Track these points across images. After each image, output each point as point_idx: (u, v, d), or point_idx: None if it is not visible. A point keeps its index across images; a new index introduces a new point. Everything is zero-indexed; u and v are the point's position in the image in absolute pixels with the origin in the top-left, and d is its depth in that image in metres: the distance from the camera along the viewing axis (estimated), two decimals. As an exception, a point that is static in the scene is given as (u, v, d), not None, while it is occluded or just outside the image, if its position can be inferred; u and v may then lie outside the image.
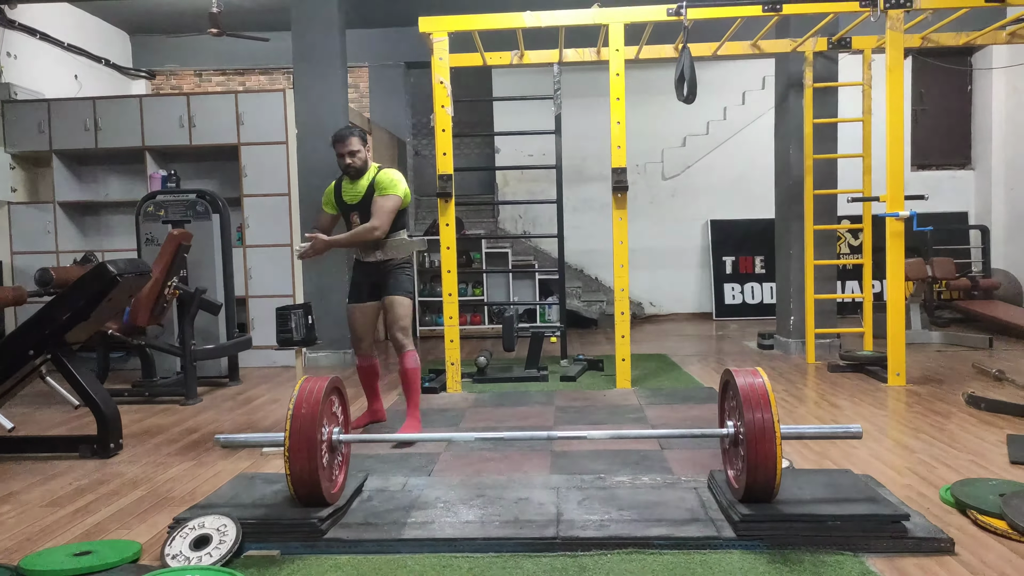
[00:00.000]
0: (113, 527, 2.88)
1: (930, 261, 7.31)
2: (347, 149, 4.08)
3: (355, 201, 4.15)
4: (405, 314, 4.15)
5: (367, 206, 4.10)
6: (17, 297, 4.85)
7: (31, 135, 6.80)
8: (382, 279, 4.18)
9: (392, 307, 4.13)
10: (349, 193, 4.17)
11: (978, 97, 9.64)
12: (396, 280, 4.17)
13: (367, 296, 4.23)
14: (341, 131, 4.15)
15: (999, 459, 3.41)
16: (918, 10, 5.15)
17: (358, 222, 4.12)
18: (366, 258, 4.18)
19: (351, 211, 4.16)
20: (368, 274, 4.21)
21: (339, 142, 4.11)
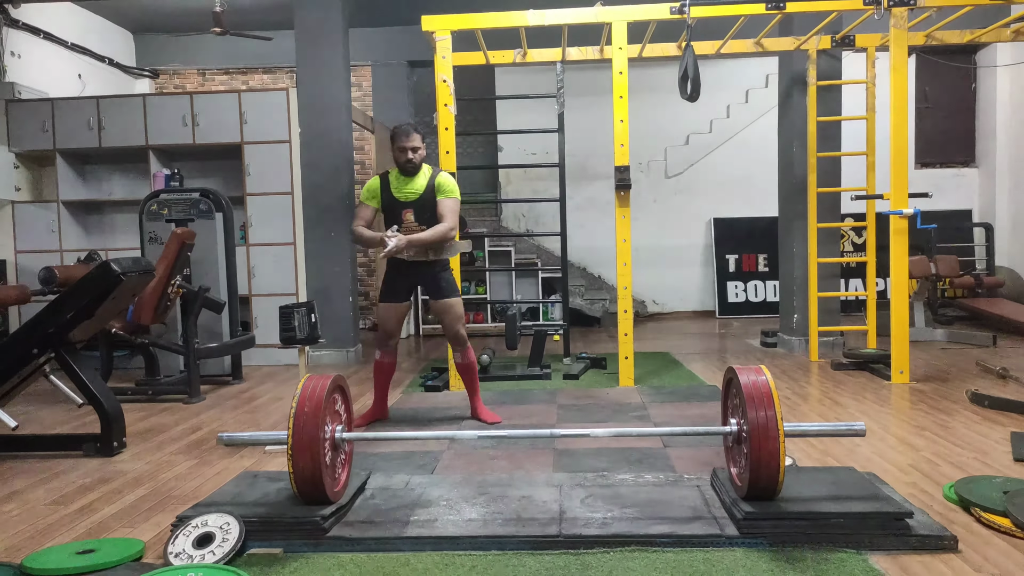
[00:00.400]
0: (116, 525, 2.88)
1: (934, 259, 7.30)
2: (411, 144, 4.08)
3: (410, 199, 4.13)
4: (462, 313, 4.29)
5: (424, 205, 4.11)
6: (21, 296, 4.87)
7: (35, 134, 6.82)
8: (427, 281, 4.22)
9: (452, 308, 4.23)
10: (403, 190, 4.14)
11: (982, 95, 9.61)
12: (447, 282, 4.24)
13: (404, 296, 4.28)
14: (404, 125, 4.14)
15: (1003, 457, 3.40)
16: (922, 8, 5.13)
17: (411, 219, 4.09)
18: (416, 257, 4.14)
19: (404, 208, 4.13)
20: (408, 274, 4.23)
21: (404, 136, 4.09)
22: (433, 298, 4.25)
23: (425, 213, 4.13)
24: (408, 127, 4.12)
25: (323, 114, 6.71)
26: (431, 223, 4.12)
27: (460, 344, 4.30)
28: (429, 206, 4.15)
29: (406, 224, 4.08)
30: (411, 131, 4.10)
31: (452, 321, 4.25)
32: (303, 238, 6.68)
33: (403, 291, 4.28)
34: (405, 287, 4.27)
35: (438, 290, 4.23)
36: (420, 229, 4.08)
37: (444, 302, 4.23)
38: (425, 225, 4.10)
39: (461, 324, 4.27)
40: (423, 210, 4.13)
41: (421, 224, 4.10)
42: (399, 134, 4.10)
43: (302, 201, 6.67)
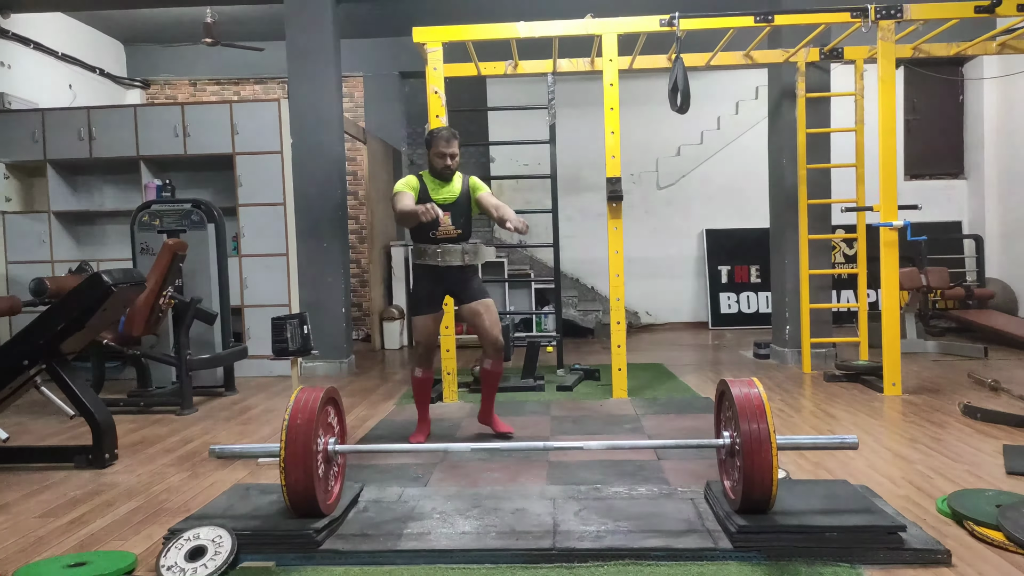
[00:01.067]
0: (108, 538, 2.86)
1: (924, 270, 7.34)
2: (451, 150, 4.05)
3: (449, 202, 4.08)
4: (498, 315, 4.20)
5: (460, 208, 4.09)
6: (12, 307, 4.85)
7: (25, 145, 6.80)
8: (461, 285, 4.13)
9: (489, 310, 4.11)
10: (441, 193, 4.09)
11: (970, 107, 9.70)
12: (480, 285, 4.18)
13: (439, 305, 4.18)
14: (445, 131, 4.08)
15: (996, 470, 3.41)
16: (909, 21, 5.18)
17: (448, 222, 4.03)
18: (452, 262, 4.06)
19: (442, 210, 4.01)
20: (441, 280, 4.11)
21: (444, 141, 4.05)
22: (468, 300, 4.12)
23: (461, 216, 4.10)
24: (449, 133, 4.07)
25: (315, 125, 6.72)
26: (466, 228, 4.13)
27: (498, 350, 4.17)
28: (464, 209, 4.12)
29: (443, 227, 4.02)
30: (452, 137, 4.05)
31: (492, 323, 4.11)
32: (295, 249, 6.68)
33: (439, 300, 4.18)
34: (440, 295, 4.17)
35: (473, 292, 4.14)
36: (456, 232, 4.06)
37: (483, 302, 4.11)
38: (462, 230, 4.09)
39: (500, 327, 4.15)
40: (459, 213, 4.09)
41: (458, 228, 4.07)
42: (439, 139, 4.05)
43: (294, 212, 6.67)
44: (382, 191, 9.00)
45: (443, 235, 4.04)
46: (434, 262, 4.05)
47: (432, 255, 4.06)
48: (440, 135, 4.06)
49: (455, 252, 4.06)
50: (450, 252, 4.05)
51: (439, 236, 4.03)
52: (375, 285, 8.76)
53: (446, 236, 4.05)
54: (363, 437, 4.42)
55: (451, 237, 4.06)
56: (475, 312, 4.10)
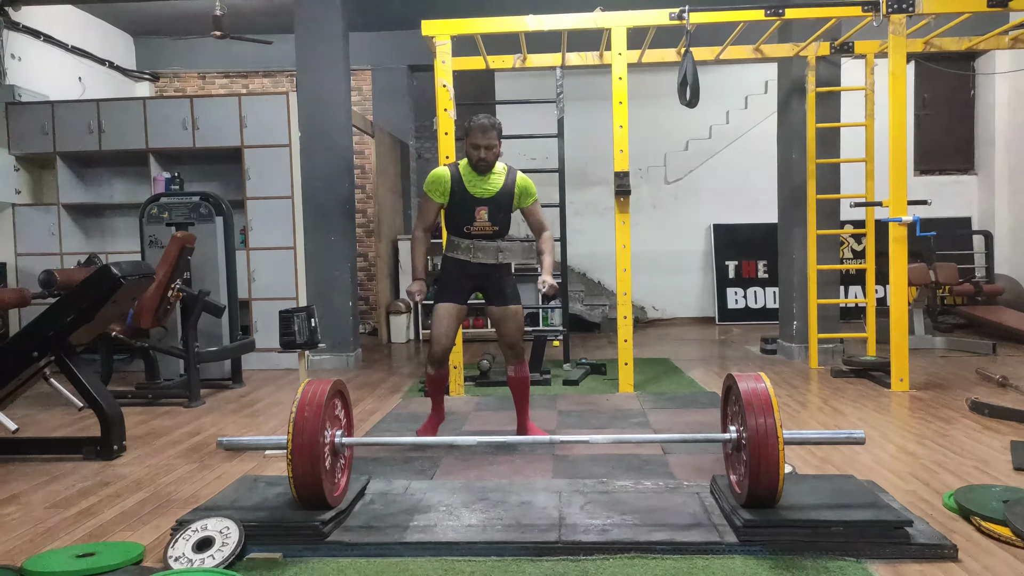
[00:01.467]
0: (116, 529, 2.88)
1: (933, 266, 7.30)
2: (487, 142, 3.75)
3: (487, 196, 3.80)
4: (523, 323, 4.02)
5: (499, 204, 3.81)
6: (21, 299, 4.88)
7: (35, 137, 6.82)
8: (492, 285, 3.90)
9: (517, 315, 3.92)
10: (479, 186, 3.81)
11: (981, 102, 9.63)
12: (514, 289, 3.96)
13: (465, 298, 3.93)
14: (482, 119, 3.77)
15: (1003, 465, 3.40)
16: (921, 15, 5.15)
17: (484, 218, 3.79)
18: (485, 259, 3.83)
19: (478, 205, 3.80)
20: (472, 276, 3.88)
21: (480, 132, 3.75)
22: (497, 304, 3.90)
23: (499, 213, 3.82)
24: (486, 122, 3.76)
25: (323, 118, 6.72)
26: (504, 224, 3.87)
27: (517, 355, 3.99)
28: (504, 206, 3.84)
29: (479, 222, 3.79)
30: (488, 128, 3.75)
31: (515, 330, 3.93)
32: (303, 242, 6.69)
33: (466, 292, 3.91)
34: (468, 289, 3.91)
35: (503, 296, 3.90)
36: (492, 229, 3.82)
37: (510, 308, 3.90)
38: (499, 227, 3.84)
39: (522, 335, 3.99)
40: (497, 209, 3.82)
41: (495, 224, 3.82)
42: (474, 130, 3.76)
43: (302, 205, 6.68)
44: (390, 185, 9.01)
45: (478, 231, 3.82)
46: (465, 257, 3.84)
47: (465, 250, 3.84)
48: (475, 125, 3.77)
49: (489, 249, 3.83)
50: (484, 249, 3.83)
51: (473, 231, 3.82)
52: (382, 279, 8.77)
53: (481, 232, 3.82)
54: (370, 430, 4.43)
55: (486, 234, 3.83)
56: (502, 317, 3.91)
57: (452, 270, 3.89)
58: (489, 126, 3.76)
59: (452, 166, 3.87)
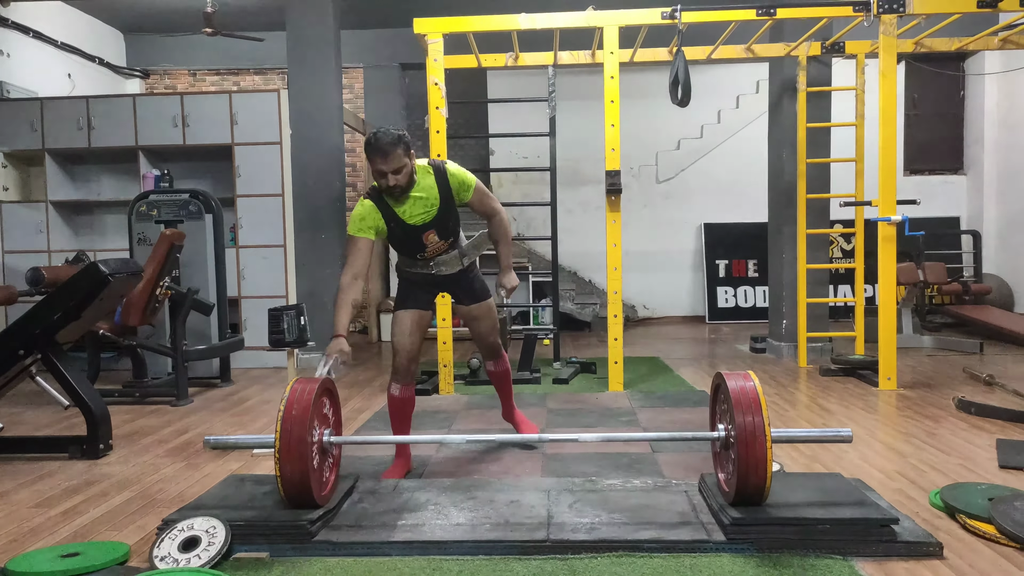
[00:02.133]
0: (102, 528, 2.87)
1: (922, 266, 7.33)
2: (392, 166, 3.09)
3: (429, 219, 3.27)
4: (497, 318, 3.71)
5: (444, 217, 3.30)
6: (8, 296, 4.85)
7: (24, 134, 6.78)
8: (460, 287, 3.57)
9: (489, 313, 3.62)
10: (412, 211, 3.24)
11: (970, 103, 9.68)
12: (482, 284, 3.63)
13: (427, 303, 3.52)
14: (379, 140, 3.07)
15: (989, 463, 3.42)
16: (911, 15, 5.16)
17: (435, 239, 3.32)
18: (450, 270, 3.46)
19: (423, 231, 3.28)
20: (437, 283, 3.53)
21: (380, 157, 3.07)
22: (466, 302, 3.60)
23: (448, 223, 3.33)
24: (383, 141, 3.06)
25: (314, 116, 6.71)
26: (456, 230, 3.43)
27: (494, 352, 3.76)
28: (449, 215, 3.32)
29: (431, 247, 3.35)
30: (388, 150, 3.06)
31: (489, 328, 3.65)
32: (293, 240, 6.67)
33: (429, 299, 3.54)
34: (432, 294, 3.57)
35: (472, 293, 3.59)
36: (447, 244, 3.39)
37: (480, 306, 3.59)
38: (453, 236, 3.41)
39: (497, 329, 3.70)
40: (445, 223, 3.32)
41: (446, 239, 3.38)
42: (372, 152, 3.09)
43: (292, 203, 6.66)
44: (381, 183, 8.98)
45: (432, 253, 3.40)
46: (426, 271, 3.46)
47: (423, 265, 3.45)
48: (372, 147, 3.07)
49: (451, 260, 3.46)
50: (446, 262, 3.45)
51: (428, 254, 3.40)
52: (372, 278, 8.76)
53: (436, 253, 3.41)
54: (358, 428, 4.42)
55: (442, 251, 3.42)
56: (473, 316, 3.61)
57: (413, 279, 3.51)
58: (389, 145, 3.06)
59: (373, 196, 3.23)
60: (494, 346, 3.74)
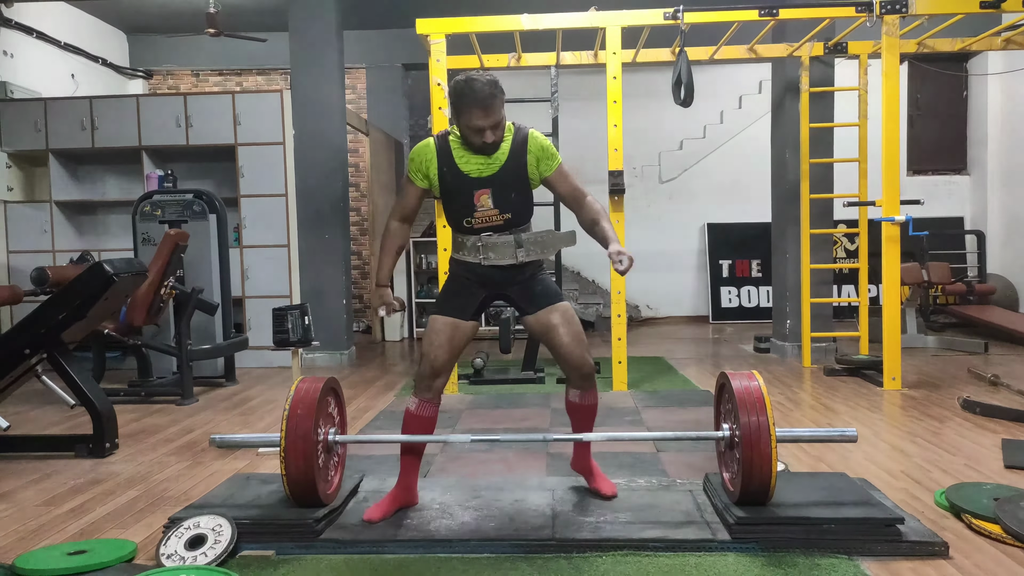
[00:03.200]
0: (108, 526, 2.88)
1: (926, 266, 7.33)
2: (490, 121, 2.67)
3: (487, 173, 2.75)
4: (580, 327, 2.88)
5: (506, 182, 2.75)
6: (13, 296, 4.86)
7: (27, 134, 6.80)
8: (519, 289, 2.86)
9: (568, 320, 2.82)
10: (475, 163, 2.75)
11: (973, 103, 9.67)
12: (548, 286, 2.90)
13: (473, 312, 2.88)
14: (478, 90, 2.63)
15: (994, 463, 3.42)
16: (914, 16, 5.16)
17: (487, 203, 2.74)
18: (499, 260, 2.79)
19: (477, 188, 2.74)
20: (486, 282, 2.86)
21: (480, 110, 2.64)
22: (530, 310, 2.84)
23: (509, 193, 2.76)
24: (482, 91, 2.63)
25: (317, 116, 6.71)
26: (520, 209, 2.81)
27: (585, 377, 2.86)
28: (515, 183, 2.77)
29: (481, 211, 2.76)
30: (489, 100, 2.64)
31: (572, 341, 2.80)
32: (297, 240, 6.68)
33: (473, 305, 2.88)
34: (477, 300, 2.88)
35: (532, 296, 2.84)
36: (502, 219, 2.78)
37: (551, 311, 2.82)
38: (511, 213, 2.79)
39: (585, 344, 2.85)
40: (505, 190, 2.76)
41: (504, 212, 2.77)
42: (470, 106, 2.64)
43: (296, 203, 6.67)
44: (384, 183, 9.00)
45: (482, 222, 2.79)
46: (473, 258, 2.82)
47: (471, 249, 2.82)
48: (471, 97, 2.64)
49: (503, 246, 2.79)
50: (495, 246, 2.79)
51: (476, 225, 2.79)
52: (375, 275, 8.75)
53: (487, 224, 2.79)
54: (363, 428, 4.43)
55: (495, 225, 2.79)
56: (548, 325, 2.81)
57: (459, 274, 2.90)
58: (489, 96, 2.64)
59: (440, 137, 2.82)
60: (584, 366, 2.84)
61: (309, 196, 6.71)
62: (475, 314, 2.89)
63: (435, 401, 2.86)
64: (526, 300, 2.85)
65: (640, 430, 4.22)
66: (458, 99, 2.66)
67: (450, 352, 2.83)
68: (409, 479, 2.88)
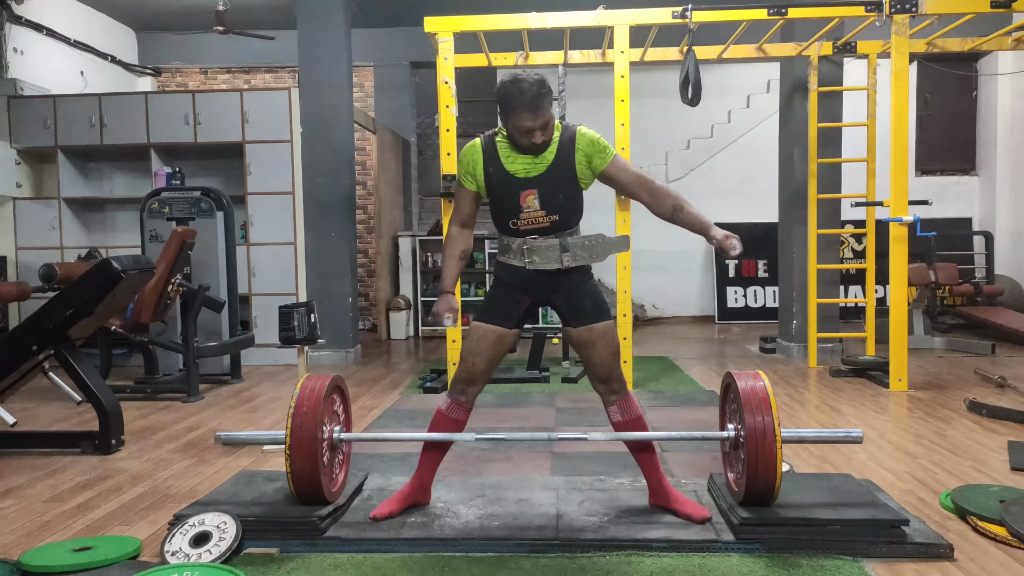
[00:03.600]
0: (113, 523, 2.89)
1: (933, 266, 7.30)
2: (538, 122, 2.60)
3: (534, 173, 2.68)
4: (619, 344, 2.84)
5: (556, 182, 2.68)
6: (21, 292, 4.88)
7: (37, 131, 6.82)
8: (564, 297, 2.78)
9: (606, 337, 2.76)
10: (521, 162, 2.69)
11: (983, 103, 9.62)
12: (596, 299, 2.80)
13: (516, 321, 2.83)
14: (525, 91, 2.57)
15: (1000, 465, 3.40)
16: (924, 15, 5.14)
17: (534, 205, 2.68)
18: (543, 264, 2.71)
19: (524, 188, 2.68)
20: (530, 288, 2.78)
21: (526, 110, 2.57)
22: (573, 323, 2.78)
23: (557, 195, 2.69)
24: (529, 92, 2.56)
25: (325, 114, 6.72)
26: (568, 210, 2.73)
27: (618, 390, 2.83)
28: (563, 183, 2.69)
29: (527, 212, 2.69)
30: (537, 101, 2.57)
31: (607, 357, 2.77)
32: (303, 238, 6.69)
33: (518, 313, 2.82)
34: (523, 307, 2.83)
35: (580, 310, 2.77)
36: (548, 220, 2.70)
37: (593, 329, 2.75)
38: (558, 215, 2.71)
39: (618, 363, 2.82)
40: (553, 190, 2.68)
41: (551, 214, 2.70)
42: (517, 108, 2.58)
43: (303, 201, 6.68)
44: (390, 181, 9.02)
45: (528, 225, 2.72)
46: (518, 262, 2.74)
47: (516, 252, 2.74)
48: (519, 100, 2.57)
49: (548, 250, 2.71)
50: (540, 250, 2.71)
51: (522, 226, 2.72)
52: (382, 275, 8.78)
53: (533, 226, 2.72)
54: (368, 426, 4.43)
55: (540, 227, 2.71)
56: (584, 342, 2.77)
57: (504, 279, 2.82)
58: (537, 96, 2.57)
59: (488, 137, 2.77)
60: (614, 382, 2.81)
61: (316, 194, 6.72)
62: (519, 322, 2.85)
63: (467, 405, 2.88)
64: (572, 312, 2.79)
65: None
66: (505, 101, 2.61)
67: (490, 361, 2.80)
68: (425, 477, 2.90)
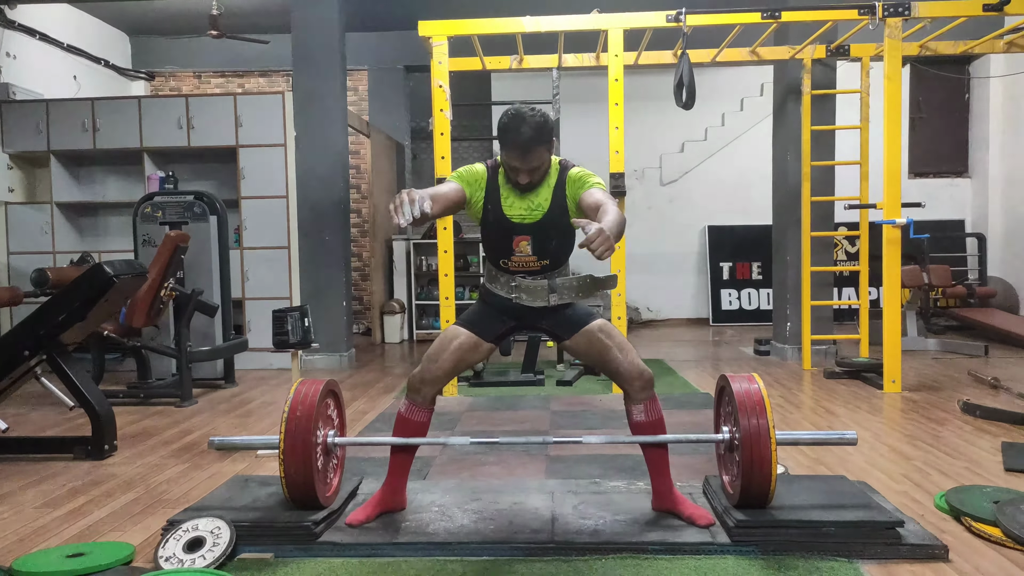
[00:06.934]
0: (106, 529, 2.87)
1: (927, 269, 7.32)
2: (527, 165, 2.58)
3: (530, 220, 2.66)
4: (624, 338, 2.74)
5: (548, 229, 2.66)
6: (13, 297, 4.86)
7: (29, 135, 6.80)
8: (551, 322, 2.76)
9: (611, 335, 2.69)
10: (519, 208, 2.66)
11: (975, 105, 9.66)
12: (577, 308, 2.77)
13: (495, 336, 2.79)
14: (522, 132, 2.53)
15: (994, 466, 3.41)
16: (916, 19, 5.16)
17: (527, 250, 2.65)
18: (531, 303, 2.68)
19: (519, 234, 2.66)
20: (516, 316, 2.76)
21: (519, 153, 2.55)
22: (567, 335, 2.74)
23: (549, 241, 2.67)
24: (525, 134, 2.52)
25: (319, 118, 6.71)
26: (558, 255, 2.72)
27: (646, 386, 2.68)
28: (556, 230, 2.67)
29: (518, 256, 2.67)
30: (531, 144, 2.53)
31: (625, 352, 2.68)
32: (297, 242, 6.68)
33: (500, 330, 2.79)
34: (506, 327, 2.80)
35: (567, 323, 2.74)
36: (539, 265, 2.69)
37: (596, 327, 2.71)
38: (548, 259, 2.69)
39: (634, 351, 2.71)
40: (545, 237, 2.66)
41: (541, 259, 2.68)
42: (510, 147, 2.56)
43: (297, 205, 6.67)
44: (385, 185, 9.01)
45: (518, 266, 2.70)
46: (505, 294, 2.74)
47: (504, 286, 2.74)
48: (514, 141, 2.55)
49: (536, 290, 2.68)
50: (528, 289, 2.68)
51: (511, 267, 2.71)
52: (376, 279, 8.77)
53: (524, 268, 2.70)
54: (363, 430, 4.42)
55: (531, 270, 2.70)
56: (596, 344, 2.69)
57: (490, 301, 2.81)
58: (529, 141, 2.53)
59: (492, 169, 2.72)
60: (644, 373, 2.68)
61: (310, 198, 6.71)
62: (497, 339, 2.80)
63: (426, 406, 2.81)
64: (560, 327, 2.76)
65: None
66: (501, 134, 2.59)
67: (454, 365, 2.75)
68: (397, 482, 2.84)
